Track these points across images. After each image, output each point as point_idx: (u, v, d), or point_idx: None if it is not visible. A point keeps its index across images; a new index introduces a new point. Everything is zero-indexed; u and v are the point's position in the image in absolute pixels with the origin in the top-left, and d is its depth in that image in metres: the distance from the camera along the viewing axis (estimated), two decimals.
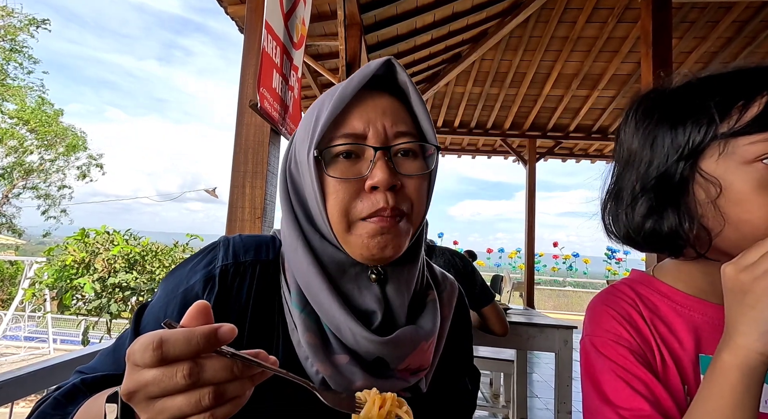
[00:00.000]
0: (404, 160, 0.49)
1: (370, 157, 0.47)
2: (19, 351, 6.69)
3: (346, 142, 0.47)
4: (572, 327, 1.87)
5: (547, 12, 3.74)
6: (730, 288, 0.42)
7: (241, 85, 1.29)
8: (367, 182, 0.46)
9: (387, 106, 0.49)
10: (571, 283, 13.68)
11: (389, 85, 0.51)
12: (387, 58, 0.50)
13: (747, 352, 0.39)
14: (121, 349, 0.48)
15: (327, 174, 0.47)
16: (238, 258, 0.51)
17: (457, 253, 1.80)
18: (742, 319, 0.40)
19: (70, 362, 0.87)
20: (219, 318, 0.47)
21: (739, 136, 0.45)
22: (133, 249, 5.75)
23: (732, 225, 0.46)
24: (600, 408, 0.50)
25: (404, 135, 0.48)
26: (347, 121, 0.48)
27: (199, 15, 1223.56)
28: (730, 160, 0.46)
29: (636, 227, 0.52)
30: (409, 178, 0.48)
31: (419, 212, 0.49)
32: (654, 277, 0.57)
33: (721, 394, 0.40)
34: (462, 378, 0.62)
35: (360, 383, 0.46)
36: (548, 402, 3.28)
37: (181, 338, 0.28)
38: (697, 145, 0.48)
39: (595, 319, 0.56)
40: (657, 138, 0.52)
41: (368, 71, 0.49)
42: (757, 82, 0.46)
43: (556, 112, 5.05)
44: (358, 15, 2.80)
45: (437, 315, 0.53)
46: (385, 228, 0.46)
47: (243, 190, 1.26)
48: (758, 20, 3.59)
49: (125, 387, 0.30)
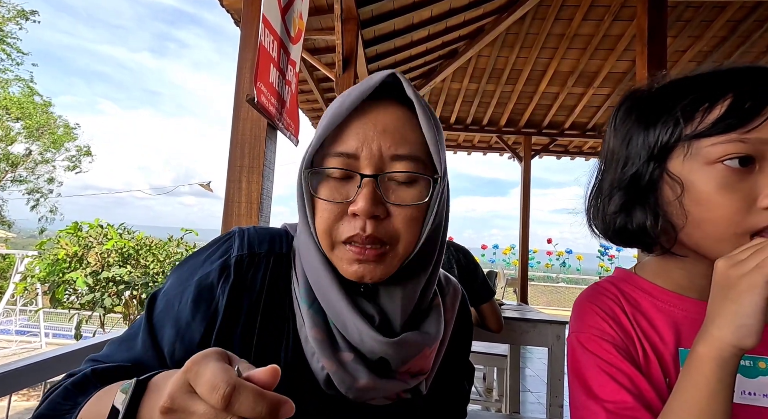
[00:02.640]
0: (399, 186, 0.46)
1: (359, 182, 0.45)
2: (11, 345, 6.64)
3: (337, 162, 0.46)
4: (565, 323, 1.89)
5: (543, 9, 3.74)
6: (717, 282, 0.42)
7: (238, 79, 1.28)
8: (350, 207, 0.45)
9: (389, 122, 0.46)
10: (565, 279, 13.78)
11: (399, 95, 0.48)
12: (391, 71, 0.47)
13: (721, 344, 0.40)
14: (135, 339, 0.48)
15: (315, 195, 0.46)
16: (253, 249, 0.51)
17: (460, 249, 1.74)
18: (721, 312, 0.41)
19: (66, 355, 0.87)
20: (232, 308, 0.48)
21: (702, 137, 0.47)
22: (127, 243, 5.70)
23: (694, 223, 0.48)
24: (586, 403, 0.51)
25: (403, 159, 0.45)
26: (344, 136, 0.46)
27: (194, 6, 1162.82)
28: (694, 160, 0.48)
29: (609, 222, 0.55)
30: (398, 207, 0.45)
31: (407, 241, 0.46)
32: (636, 274, 0.59)
33: (697, 385, 0.41)
34: (460, 380, 0.62)
35: (364, 381, 0.46)
36: (540, 396, 3.32)
37: (251, 398, 0.26)
38: (664, 145, 0.50)
39: (580, 316, 0.58)
40: (632, 138, 0.53)
41: (369, 84, 0.46)
42: (721, 84, 0.48)
43: (551, 109, 5.06)
44: (355, 9, 2.78)
45: (441, 321, 0.53)
46: (363, 259, 0.44)
47: (239, 184, 1.26)
48: (752, 20, 3.61)
49: (171, 393, 0.28)
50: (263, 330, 0.48)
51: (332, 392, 0.48)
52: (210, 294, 0.48)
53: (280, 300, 0.50)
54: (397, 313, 0.48)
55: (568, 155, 6.14)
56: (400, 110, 0.47)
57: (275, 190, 1.33)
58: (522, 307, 2.59)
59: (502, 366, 2.48)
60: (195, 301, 0.47)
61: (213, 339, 0.47)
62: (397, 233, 0.45)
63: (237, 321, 0.48)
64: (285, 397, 0.28)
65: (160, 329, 0.48)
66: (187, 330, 0.47)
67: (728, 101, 0.46)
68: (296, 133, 1.43)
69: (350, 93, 0.47)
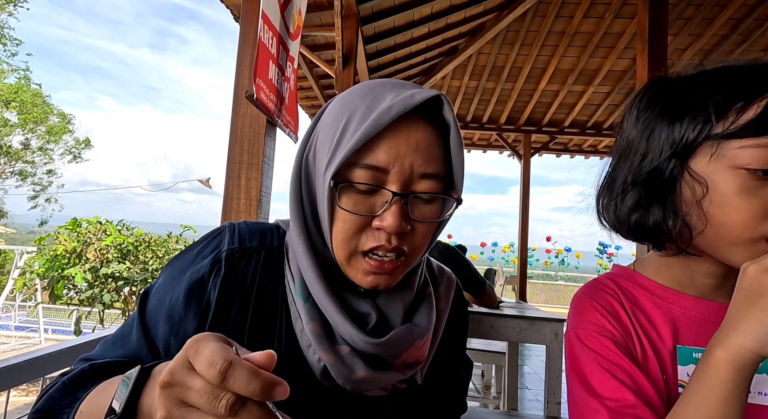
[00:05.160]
0: (421, 203, 0.47)
1: (386, 198, 0.45)
2: (10, 341, 6.65)
3: (366, 176, 0.44)
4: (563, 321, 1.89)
5: (544, 6, 3.73)
6: (746, 288, 0.41)
7: (237, 75, 1.28)
8: (376, 221, 0.45)
9: (422, 139, 0.46)
10: (563, 277, 13.81)
11: (431, 114, 0.48)
12: (437, 93, 0.47)
13: (741, 350, 0.39)
14: (128, 336, 0.49)
15: (339, 205, 0.45)
16: (244, 242, 0.51)
17: (449, 247, 1.95)
18: (746, 319, 0.40)
19: (66, 351, 0.87)
20: (224, 301, 0.48)
21: (732, 138, 0.44)
22: (126, 239, 5.70)
23: (713, 226, 0.47)
24: (586, 400, 0.51)
25: (430, 178, 0.46)
26: (374, 149, 0.44)
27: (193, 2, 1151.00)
28: (719, 162, 0.46)
29: (623, 218, 0.53)
30: (419, 223, 0.47)
31: (420, 252, 0.49)
32: (635, 271, 0.58)
33: (711, 389, 0.41)
34: (457, 369, 0.63)
35: (361, 373, 0.47)
36: (538, 393, 3.33)
37: (245, 375, 0.27)
38: (690, 143, 0.47)
39: (579, 312, 0.57)
40: (654, 131, 0.51)
41: (411, 102, 0.44)
42: (760, 81, 0.45)
43: (551, 107, 5.05)
44: (355, 6, 2.77)
45: (433, 311, 0.54)
46: (381, 270, 0.46)
47: (238, 181, 1.25)
48: (752, 18, 3.61)
49: (170, 368, 0.29)
50: (255, 322, 0.49)
51: (328, 383, 0.48)
52: (202, 288, 0.48)
53: (272, 293, 0.51)
54: (399, 307, 0.51)
55: (567, 153, 6.13)
56: (430, 127, 0.47)
57: (274, 187, 1.33)
58: (520, 305, 2.59)
59: (501, 363, 2.49)
60: (187, 296, 0.48)
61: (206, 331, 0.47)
62: (415, 246, 0.48)
63: (229, 315, 0.48)
64: (279, 378, 0.29)
65: (154, 325, 0.48)
66: (181, 324, 0.47)
67: (765, 101, 0.43)
68: (295, 130, 1.43)
69: (390, 108, 0.44)
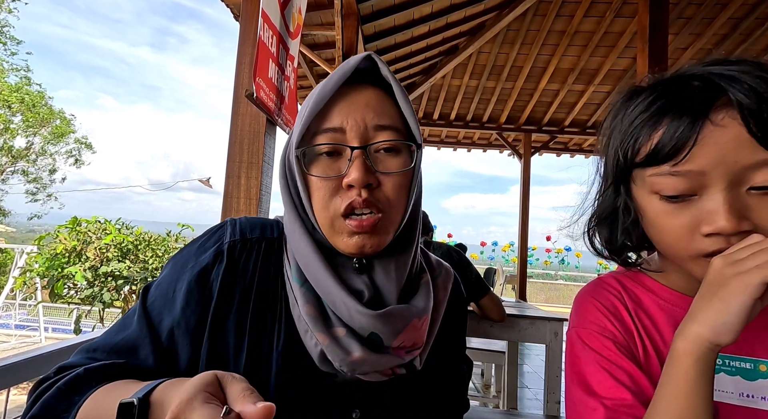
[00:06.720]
0: (385, 156, 0.49)
1: (349, 155, 0.48)
2: (10, 340, 6.65)
3: (326, 139, 0.48)
4: (563, 320, 1.89)
5: (544, 5, 3.72)
6: (710, 280, 0.42)
7: (237, 74, 1.28)
8: (344, 180, 0.47)
9: (371, 98, 0.50)
10: (563, 277, 13.81)
11: (374, 79, 0.52)
12: (367, 52, 0.51)
13: (697, 340, 0.40)
14: (129, 328, 0.49)
15: (308, 173, 0.49)
16: (245, 234, 0.53)
17: (453, 248, 1.92)
18: (704, 309, 0.41)
19: (66, 349, 0.87)
20: (226, 291, 0.49)
21: (643, 167, 0.47)
22: (126, 238, 5.70)
23: (659, 244, 0.50)
24: (584, 399, 0.51)
25: (386, 128, 0.49)
26: (329, 115, 0.49)
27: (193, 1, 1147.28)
28: (643, 187, 0.48)
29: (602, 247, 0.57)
30: (387, 176, 0.49)
31: (399, 207, 0.50)
32: (640, 271, 0.58)
33: (677, 381, 0.41)
34: (456, 361, 0.64)
35: (357, 354, 0.47)
36: (538, 392, 3.34)
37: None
38: (623, 169, 0.50)
39: (581, 311, 0.57)
40: (606, 157, 0.53)
41: (348, 67, 0.49)
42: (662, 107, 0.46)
43: (551, 106, 5.05)
44: (355, 5, 2.77)
45: (430, 296, 0.55)
46: (361, 228, 0.47)
47: (238, 180, 1.25)
48: (753, 17, 3.60)
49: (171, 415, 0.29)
50: (257, 311, 0.50)
51: (327, 369, 0.49)
52: (205, 279, 0.50)
53: (272, 283, 0.52)
54: (393, 286, 0.51)
55: (568, 152, 6.12)
56: (377, 90, 0.51)
57: (274, 186, 1.33)
58: (520, 304, 2.60)
59: (500, 362, 2.49)
60: (190, 287, 0.49)
61: (209, 322, 0.48)
62: (389, 200, 0.49)
63: (231, 304, 0.50)
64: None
65: (157, 316, 0.49)
66: (183, 315, 0.48)
67: (661, 131, 0.45)
68: None
69: (331, 77, 0.49)
